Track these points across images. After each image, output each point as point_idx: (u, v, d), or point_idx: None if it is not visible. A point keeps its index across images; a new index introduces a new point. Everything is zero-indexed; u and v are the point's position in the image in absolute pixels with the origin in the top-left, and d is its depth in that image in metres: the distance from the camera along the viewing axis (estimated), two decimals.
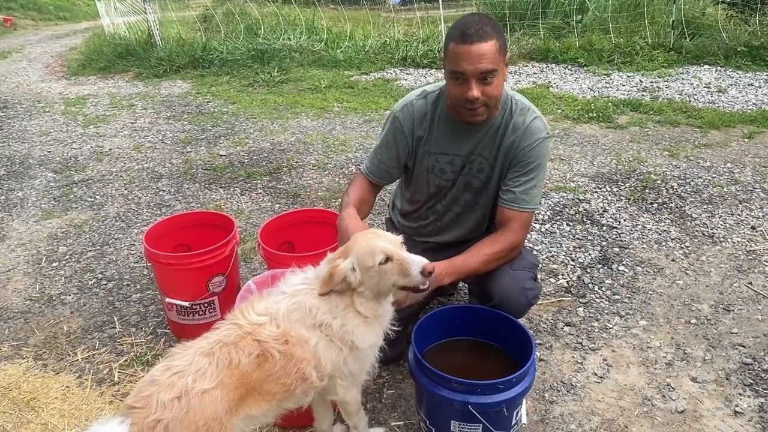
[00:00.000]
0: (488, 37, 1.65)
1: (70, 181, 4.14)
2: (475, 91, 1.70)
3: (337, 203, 3.54)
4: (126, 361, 2.27)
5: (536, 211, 1.96)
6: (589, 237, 3.07)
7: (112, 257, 3.07)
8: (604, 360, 2.20)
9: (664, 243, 2.98)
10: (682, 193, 3.50)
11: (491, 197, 1.99)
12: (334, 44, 7.91)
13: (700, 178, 3.69)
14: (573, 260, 2.86)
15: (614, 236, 3.06)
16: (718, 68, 6.20)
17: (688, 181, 3.66)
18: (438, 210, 2.08)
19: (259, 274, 2.17)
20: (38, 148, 4.89)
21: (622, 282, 2.67)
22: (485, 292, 1.88)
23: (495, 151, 1.90)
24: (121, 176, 4.18)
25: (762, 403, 1.97)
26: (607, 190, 3.59)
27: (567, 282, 2.68)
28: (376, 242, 1.49)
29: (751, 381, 2.06)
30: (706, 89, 5.54)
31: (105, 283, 2.84)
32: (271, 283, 1.99)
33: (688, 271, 2.74)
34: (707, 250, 2.90)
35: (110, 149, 4.76)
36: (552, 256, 2.89)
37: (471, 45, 1.65)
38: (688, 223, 3.16)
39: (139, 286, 2.79)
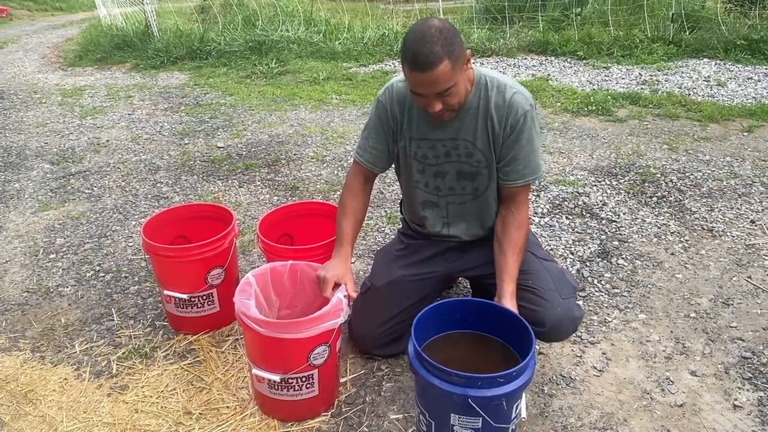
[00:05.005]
0: (439, 60, 1.60)
1: (67, 172, 4.12)
2: (437, 107, 1.72)
3: (336, 195, 3.53)
4: (124, 353, 2.26)
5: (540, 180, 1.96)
6: (589, 230, 3.06)
7: (110, 249, 3.06)
8: (604, 353, 2.20)
9: (663, 236, 2.98)
10: (682, 187, 3.49)
11: (493, 179, 1.94)
12: (333, 36, 7.87)
13: (700, 171, 3.69)
14: (572, 254, 2.85)
15: (613, 230, 3.06)
16: (718, 61, 6.18)
17: (687, 174, 3.65)
18: (438, 203, 2.04)
19: (258, 266, 2.16)
20: (35, 139, 4.87)
21: (621, 275, 2.67)
22: (536, 318, 1.84)
23: (480, 132, 1.86)
24: (118, 168, 4.16)
25: (761, 396, 1.97)
26: (606, 184, 3.58)
27: None
28: None
29: (750, 375, 2.07)
30: (705, 82, 5.53)
31: (103, 275, 2.83)
32: (269, 276, 1.99)
33: (687, 265, 2.74)
34: (706, 244, 2.90)
35: (107, 141, 4.74)
36: (551, 250, 2.88)
37: (423, 73, 1.63)
38: (688, 217, 3.15)
39: (137, 278, 2.78)
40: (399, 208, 2.37)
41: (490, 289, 2.07)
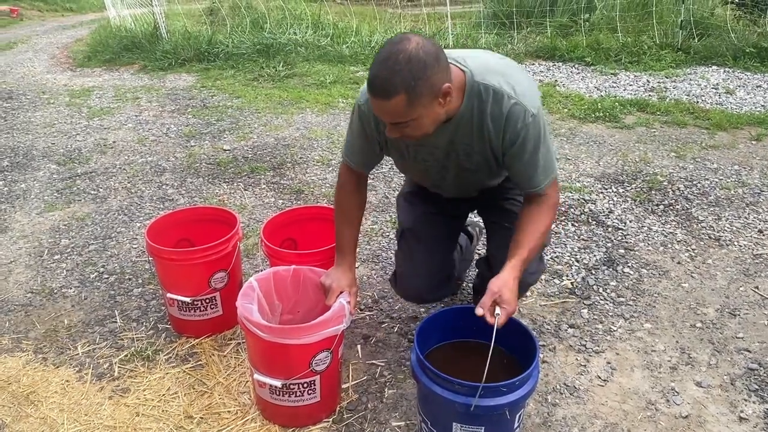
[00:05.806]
0: (392, 94, 1.48)
1: (73, 173, 4.13)
2: (393, 133, 1.63)
3: None
4: (126, 356, 2.26)
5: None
6: (594, 238, 3.04)
7: (114, 251, 3.06)
8: (608, 363, 2.18)
9: (669, 245, 2.96)
10: (689, 195, 3.47)
11: (495, 167, 1.89)
12: (340, 39, 7.87)
13: (707, 180, 3.66)
14: (578, 261, 2.84)
15: (620, 237, 3.04)
16: (726, 69, 6.15)
17: (694, 182, 3.63)
18: (444, 185, 2.02)
19: (262, 270, 2.15)
20: (42, 139, 4.89)
21: (626, 284, 2.65)
22: (489, 263, 1.91)
23: (477, 140, 1.77)
24: (124, 169, 4.17)
25: (767, 409, 1.94)
26: (612, 191, 3.56)
27: (571, 283, 2.66)
28: None
29: (757, 386, 2.04)
30: (713, 90, 5.50)
31: (106, 276, 2.83)
32: (272, 280, 1.98)
33: (693, 274, 2.71)
34: (713, 253, 2.88)
35: (114, 142, 4.75)
36: (556, 257, 2.87)
37: (375, 99, 1.53)
38: (695, 226, 3.13)
39: (140, 281, 2.78)
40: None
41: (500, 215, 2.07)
